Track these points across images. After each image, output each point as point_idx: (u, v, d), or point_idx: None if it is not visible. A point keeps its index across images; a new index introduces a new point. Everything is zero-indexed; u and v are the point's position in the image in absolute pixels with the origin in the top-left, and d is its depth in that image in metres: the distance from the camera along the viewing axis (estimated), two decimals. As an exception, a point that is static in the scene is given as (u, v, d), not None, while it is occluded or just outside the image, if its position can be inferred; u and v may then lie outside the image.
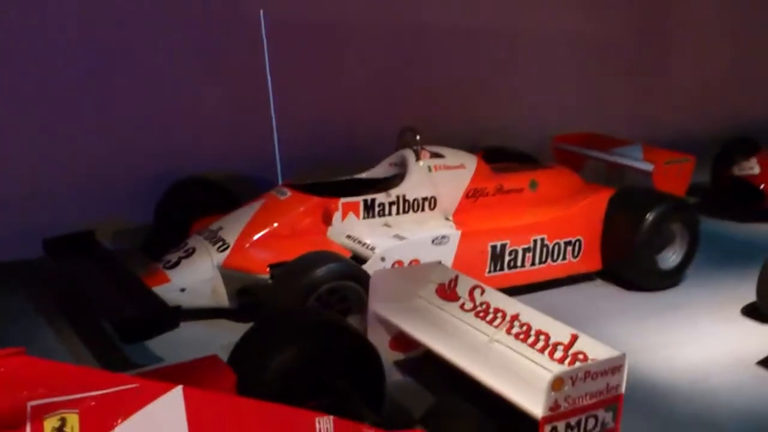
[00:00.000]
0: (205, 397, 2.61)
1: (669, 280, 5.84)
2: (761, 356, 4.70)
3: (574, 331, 3.02)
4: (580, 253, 5.82)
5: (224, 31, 6.87)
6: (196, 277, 5.00)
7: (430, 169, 5.63)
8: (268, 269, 4.85)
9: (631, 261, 5.71)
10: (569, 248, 5.77)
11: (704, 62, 9.57)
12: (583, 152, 6.86)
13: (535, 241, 5.62)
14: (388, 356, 3.66)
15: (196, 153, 6.83)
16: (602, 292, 5.82)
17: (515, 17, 8.20)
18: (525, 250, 5.60)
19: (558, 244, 5.71)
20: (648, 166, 6.40)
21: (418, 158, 5.63)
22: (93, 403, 2.36)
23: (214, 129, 6.98)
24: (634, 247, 5.62)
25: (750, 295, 5.33)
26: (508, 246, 5.52)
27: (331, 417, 2.83)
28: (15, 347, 2.32)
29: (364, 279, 4.67)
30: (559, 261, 5.74)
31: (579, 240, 5.79)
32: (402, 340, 3.64)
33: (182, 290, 4.94)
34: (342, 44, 7.44)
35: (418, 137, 5.67)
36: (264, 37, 6.02)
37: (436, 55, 7.89)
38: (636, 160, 6.55)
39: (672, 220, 5.72)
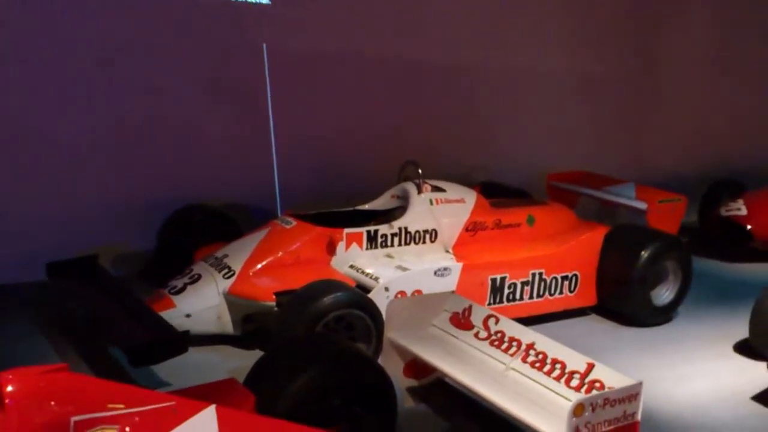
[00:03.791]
0: (236, 416, 2.67)
1: (663, 316, 5.95)
2: (756, 392, 4.80)
3: (590, 360, 3.11)
4: (577, 288, 5.93)
5: (226, 62, 6.99)
6: (201, 303, 5.04)
7: (431, 202, 5.74)
8: (274, 297, 4.90)
9: (625, 296, 5.82)
10: (566, 283, 5.88)
11: (693, 105, 9.81)
12: (578, 190, 7.00)
13: (533, 275, 5.73)
14: (402, 383, 3.71)
15: (197, 181, 6.90)
16: (597, 327, 5.91)
17: (511, 56, 8.40)
18: (523, 284, 5.70)
19: (555, 278, 5.83)
20: (642, 205, 6.55)
21: (419, 191, 5.74)
22: (132, 419, 2.41)
23: (215, 158, 7.06)
24: (629, 283, 5.75)
25: (742, 332, 5.42)
26: (507, 279, 5.62)
27: (352, 440, 2.90)
28: (57, 364, 2.37)
29: (370, 308, 4.77)
30: (557, 295, 5.85)
31: (575, 275, 5.91)
32: (415, 367, 3.70)
33: (188, 316, 4.98)
34: (343, 76, 7.58)
35: (420, 171, 5.79)
36: (266, 69, 6.15)
37: (433, 90, 8.06)
38: (629, 198, 6.69)
39: (666, 258, 5.85)
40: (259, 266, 5.20)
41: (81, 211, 6.45)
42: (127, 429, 2.39)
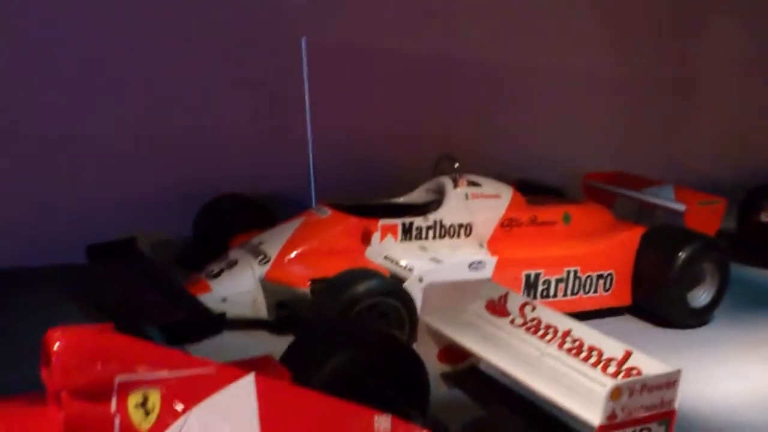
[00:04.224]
0: (275, 386, 2.69)
1: (698, 318, 5.88)
2: (793, 396, 4.74)
3: (628, 347, 3.10)
4: (612, 287, 5.88)
5: (263, 54, 7.07)
6: (237, 288, 5.10)
7: (467, 197, 5.74)
8: (309, 283, 4.94)
9: (661, 297, 5.77)
10: (601, 281, 5.84)
11: (732, 109, 9.69)
12: (615, 190, 6.94)
13: (568, 272, 5.70)
14: (436, 368, 3.72)
15: (232, 172, 6.96)
16: (631, 327, 5.84)
17: (548, 55, 8.39)
18: (558, 281, 5.68)
19: (590, 276, 5.79)
20: (680, 206, 6.48)
21: (455, 185, 5.75)
22: (174, 383, 2.44)
23: (251, 148, 7.15)
24: (666, 284, 5.69)
25: (781, 337, 5.37)
26: (542, 275, 5.60)
27: (390, 416, 2.90)
28: (104, 324, 2.42)
29: (404, 297, 4.79)
30: (591, 294, 5.81)
31: (611, 274, 5.86)
32: (450, 353, 3.71)
33: (223, 300, 5.04)
34: (378, 71, 7.61)
35: (456, 165, 5.80)
36: (305, 63, 6.21)
37: (470, 87, 8.07)
38: (668, 200, 6.63)
39: (704, 259, 5.79)
40: (294, 254, 5.25)
41: (119, 197, 6.57)
42: (169, 392, 2.43)
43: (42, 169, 6.38)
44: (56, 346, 2.30)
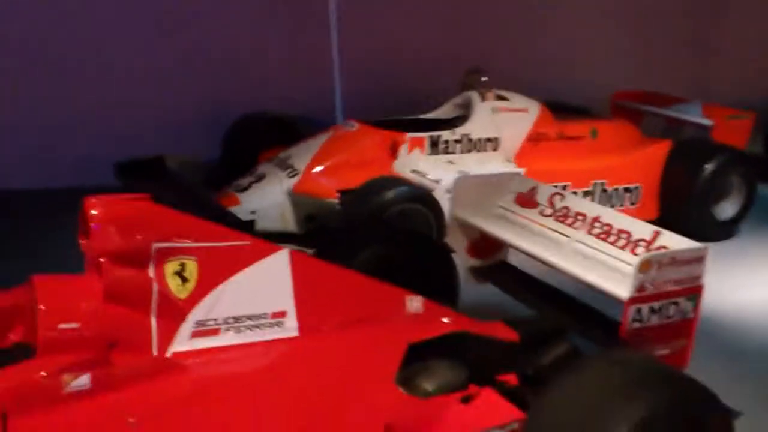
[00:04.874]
0: (309, 262, 2.75)
1: (725, 230, 5.87)
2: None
3: (657, 229, 3.12)
4: (639, 201, 5.88)
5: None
6: (266, 201, 5.16)
7: (494, 111, 5.72)
8: (337, 194, 4.98)
9: (688, 210, 5.75)
10: (628, 195, 5.84)
11: (760, 31, 9.49)
12: (643, 108, 6.86)
13: (595, 185, 5.70)
14: (465, 262, 3.77)
15: (260, 91, 6.99)
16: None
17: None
18: (585, 194, 5.67)
19: (617, 189, 5.79)
20: (708, 121, 6.41)
21: (483, 99, 5.72)
22: (211, 253, 2.50)
23: (278, 68, 7.16)
24: (692, 195, 5.68)
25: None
26: (569, 188, 5.59)
27: (421, 297, 2.96)
28: (142, 194, 2.47)
29: (432, 204, 4.82)
30: (618, 207, 5.80)
31: (638, 187, 5.86)
32: (479, 247, 3.74)
33: (252, 213, 5.10)
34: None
35: (485, 78, 5.77)
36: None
37: (501, 6, 7.99)
38: (695, 115, 6.55)
39: (731, 172, 5.76)
40: (322, 166, 5.29)
41: (147, 116, 6.66)
42: (206, 262, 2.48)
43: (69, 92, 6.44)
44: (94, 213, 2.35)
